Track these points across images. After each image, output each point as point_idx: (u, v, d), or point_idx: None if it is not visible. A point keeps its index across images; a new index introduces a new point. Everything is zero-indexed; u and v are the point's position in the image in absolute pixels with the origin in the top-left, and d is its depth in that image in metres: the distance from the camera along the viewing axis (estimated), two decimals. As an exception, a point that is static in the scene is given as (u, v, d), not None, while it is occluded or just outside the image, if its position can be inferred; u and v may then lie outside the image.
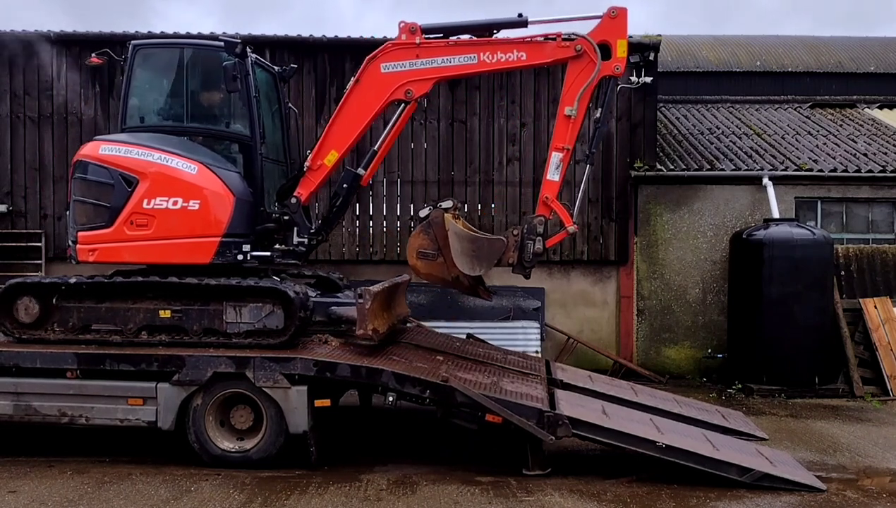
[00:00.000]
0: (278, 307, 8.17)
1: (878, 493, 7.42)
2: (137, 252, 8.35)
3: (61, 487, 7.14)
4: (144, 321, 8.24)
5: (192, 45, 8.94)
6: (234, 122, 8.90)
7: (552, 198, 8.52)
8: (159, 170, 8.29)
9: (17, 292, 8.41)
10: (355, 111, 8.67)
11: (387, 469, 7.89)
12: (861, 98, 19.06)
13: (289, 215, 8.86)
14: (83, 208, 8.48)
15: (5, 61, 13.56)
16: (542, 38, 8.45)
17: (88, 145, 8.73)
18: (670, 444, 7.54)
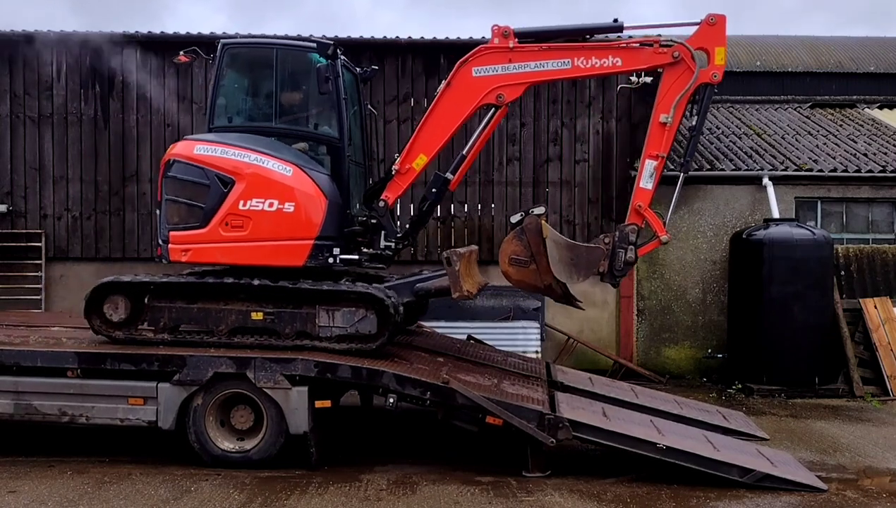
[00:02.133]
0: (371, 312, 8.11)
1: (878, 493, 7.43)
2: (232, 253, 8.23)
3: (61, 487, 7.14)
4: (236, 322, 8.18)
5: (283, 46, 8.78)
6: (323, 124, 8.86)
7: (645, 207, 8.51)
8: (256, 172, 8.18)
9: (108, 291, 8.34)
10: (445, 115, 8.57)
11: (387, 469, 7.89)
12: (861, 98, 19.05)
13: (376, 219, 8.74)
14: (176, 208, 8.35)
15: (5, 61, 13.56)
16: (637, 43, 8.38)
17: (181, 144, 8.60)
18: (671, 446, 7.55)
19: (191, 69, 13.53)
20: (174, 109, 13.60)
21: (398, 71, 13.65)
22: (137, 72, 13.55)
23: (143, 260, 13.57)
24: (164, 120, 13.60)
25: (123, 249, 13.56)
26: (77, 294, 13.43)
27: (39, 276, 13.40)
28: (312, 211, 8.25)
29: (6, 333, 9.02)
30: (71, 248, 13.56)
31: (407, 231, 9.11)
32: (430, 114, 8.66)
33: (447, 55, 13.53)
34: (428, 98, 13.56)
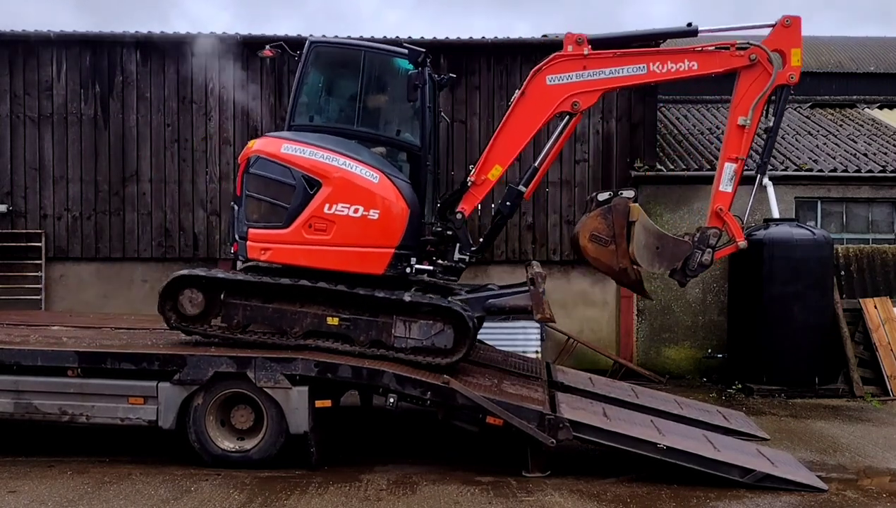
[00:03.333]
0: (449, 327, 8.06)
1: (878, 493, 7.43)
2: (312, 256, 8.10)
3: (61, 487, 7.14)
4: (311, 326, 8.11)
5: (372, 49, 8.69)
6: (405, 131, 8.78)
7: (725, 210, 8.51)
8: (343, 176, 8.07)
9: (184, 284, 8.24)
10: (520, 124, 8.54)
11: (387, 469, 7.89)
12: (861, 98, 19.06)
13: (452, 230, 8.65)
14: (257, 205, 8.20)
15: (5, 61, 13.56)
16: (713, 46, 8.37)
17: (265, 141, 8.44)
18: (671, 446, 7.55)
19: (190, 69, 13.56)
20: (175, 109, 13.61)
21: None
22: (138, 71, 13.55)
23: (142, 260, 13.60)
24: (163, 120, 13.60)
25: (123, 249, 13.57)
26: (77, 294, 13.53)
27: (39, 276, 13.40)
28: (396, 219, 8.17)
29: (6, 332, 9.02)
30: (71, 248, 13.56)
31: (481, 244, 9.06)
32: (504, 124, 8.60)
33: (447, 55, 13.55)
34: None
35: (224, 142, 13.62)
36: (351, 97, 8.70)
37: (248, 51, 13.19)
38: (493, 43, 13.65)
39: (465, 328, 8.02)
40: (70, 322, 10.08)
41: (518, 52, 13.68)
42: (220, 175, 13.61)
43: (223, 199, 13.58)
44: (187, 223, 13.61)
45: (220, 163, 13.61)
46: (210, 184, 13.61)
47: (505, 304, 8.64)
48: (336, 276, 8.10)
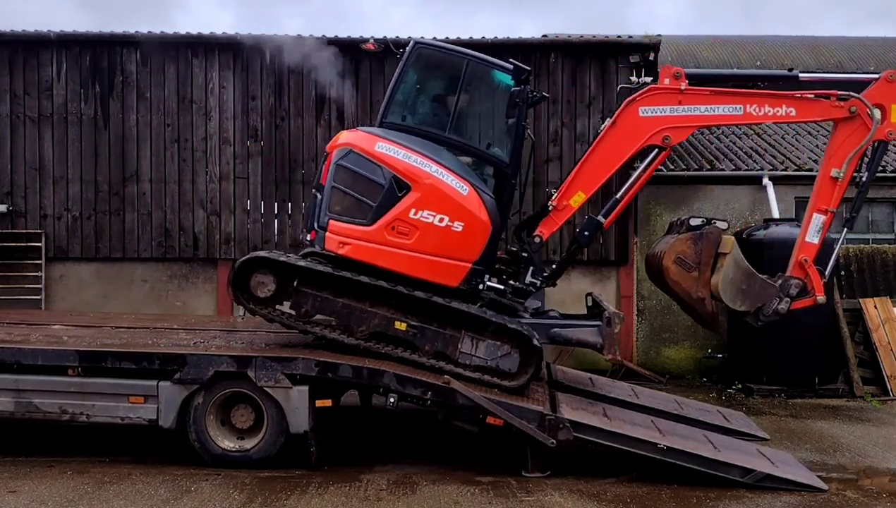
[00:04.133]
0: (516, 351, 8.00)
1: (878, 493, 7.43)
2: (390, 258, 8.02)
3: (61, 487, 7.14)
4: (378, 327, 8.05)
5: (477, 60, 8.55)
6: (495, 145, 8.68)
7: (810, 262, 8.45)
8: (434, 184, 7.99)
9: (259, 265, 8.16)
10: (608, 153, 8.47)
11: (387, 469, 7.89)
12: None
13: (527, 253, 8.56)
14: (342, 198, 8.09)
15: (5, 61, 13.56)
16: (812, 94, 8.34)
17: (358, 135, 8.30)
18: (672, 446, 7.56)
19: (190, 69, 13.57)
20: (175, 109, 13.61)
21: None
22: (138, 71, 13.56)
23: (142, 260, 13.59)
24: (163, 120, 13.60)
25: (123, 249, 13.56)
26: (77, 294, 13.53)
27: (39, 276, 13.40)
28: (478, 234, 8.10)
29: (7, 331, 9.02)
30: (71, 248, 13.56)
31: (553, 271, 8.91)
32: (592, 152, 8.54)
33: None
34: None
35: (224, 142, 13.62)
36: (446, 103, 8.60)
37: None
38: (493, 43, 13.64)
39: (532, 354, 7.96)
40: (70, 321, 10.08)
41: (518, 52, 13.63)
42: (220, 175, 13.61)
43: (223, 199, 13.58)
44: (187, 223, 13.61)
45: (220, 163, 13.61)
46: (210, 184, 13.61)
47: (572, 337, 8.53)
48: (403, 280, 8.01)
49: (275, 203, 13.64)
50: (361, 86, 13.63)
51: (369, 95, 13.61)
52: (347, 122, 13.56)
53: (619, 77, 13.71)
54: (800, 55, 20.12)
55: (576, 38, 14.30)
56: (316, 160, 13.58)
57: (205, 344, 8.48)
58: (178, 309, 13.45)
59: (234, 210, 13.63)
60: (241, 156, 13.64)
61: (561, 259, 9.09)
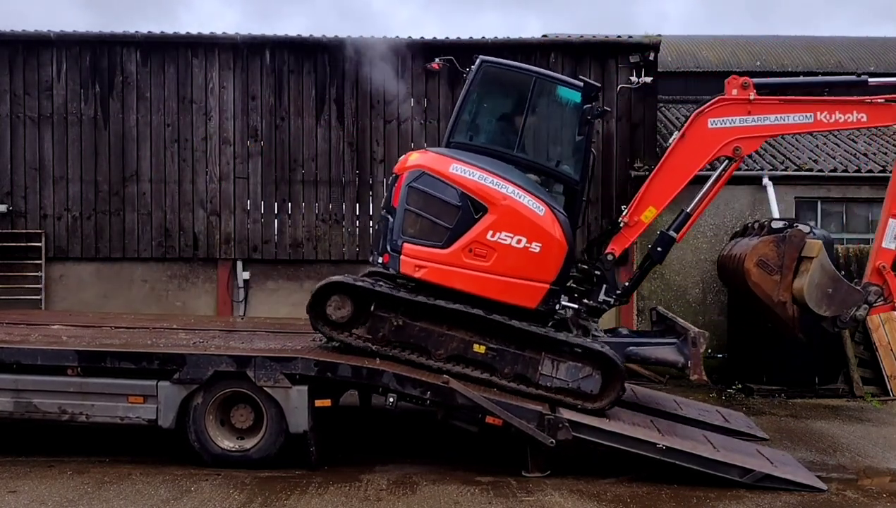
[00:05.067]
0: (598, 372, 7.93)
1: (878, 493, 7.43)
2: (468, 280, 7.94)
3: (61, 487, 7.13)
4: (456, 350, 7.97)
5: (545, 77, 8.55)
6: (564, 163, 8.63)
7: (888, 268, 8.28)
8: (511, 205, 7.90)
9: (335, 290, 8.10)
10: (678, 167, 8.37)
11: (387, 469, 7.89)
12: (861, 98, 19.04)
13: (600, 270, 8.50)
14: (416, 220, 8.01)
15: (5, 61, 13.56)
16: (882, 99, 8.31)
17: (430, 157, 8.20)
18: (671, 446, 7.56)
19: (190, 69, 13.57)
20: (175, 109, 13.61)
21: (398, 71, 13.65)
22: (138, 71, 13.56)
23: (142, 260, 13.60)
24: (163, 120, 13.61)
25: (123, 249, 13.57)
26: (77, 294, 13.53)
27: (39, 276, 13.41)
28: (556, 254, 8.02)
29: (6, 331, 9.02)
30: (71, 248, 13.56)
31: (626, 289, 8.79)
32: (661, 166, 8.45)
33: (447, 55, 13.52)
34: (428, 98, 13.61)
35: (224, 142, 13.62)
36: (514, 121, 8.51)
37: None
38: (493, 43, 13.65)
39: (615, 375, 7.90)
40: (70, 321, 10.08)
41: (518, 52, 13.67)
42: (220, 175, 13.62)
43: (223, 199, 13.59)
44: (187, 223, 13.61)
45: (220, 163, 13.62)
46: (210, 184, 13.61)
47: (651, 356, 8.52)
48: (479, 302, 7.93)
49: (275, 203, 13.64)
50: (361, 86, 13.65)
51: (369, 95, 13.63)
52: (347, 122, 13.58)
53: (619, 77, 13.71)
54: (800, 55, 20.10)
55: (576, 38, 14.30)
56: (316, 160, 13.61)
57: (204, 343, 8.47)
58: (178, 309, 13.45)
59: (234, 210, 13.63)
60: (241, 156, 13.64)
61: (634, 277, 8.94)
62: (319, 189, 13.66)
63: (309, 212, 13.66)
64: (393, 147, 13.63)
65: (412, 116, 13.66)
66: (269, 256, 13.64)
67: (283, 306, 13.53)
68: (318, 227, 13.66)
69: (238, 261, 13.60)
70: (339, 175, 13.64)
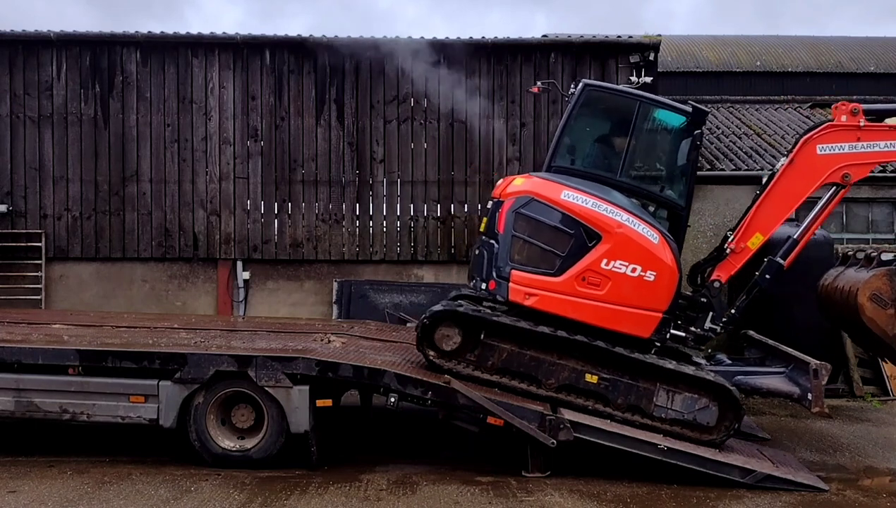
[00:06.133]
0: (714, 404, 7.87)
1: (877, 493, 7.44)
2: (581, 309, 7.87)
3: (61, 487, 7.14)
4: (567, 380, 7.91)
5: (652, 102, 8.52)
6: (668, 187, 8.58)
7: None
8: (626, 233, 7.85)
9: (445, 318, 8.04)
10: (786, 193, 8.36)
11: (387, 469, 7.90)
12: (861, 98, 19.05)
13: (706, 297, 8.41)
14: (525, 247, 7.94)
15: (5, 61, 13.55)
16: None
17: (539, 182, 8.12)
18: (672, 447, 7.57)
19: (190, 69, 13.57)
20: (175, 109, 13.61)
21: (398, 71, 13.65)
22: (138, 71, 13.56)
23: (142, 260, 13.59)
24: (163, 120, 13.60)
25: (123, 249, 13.56)
26: (77, 294, 13.52)
27: (39, 276, 13.40)
28: (669, 282, 7.96)
29: (8, 330, 9.02)
30: (71, 248, 13.55)
31: (732, 316, 8.66)
32: (768, 192, 8.41)
33: (446, 55, 13.55)
34: (428, 98, 13.60)
35: (224, 142, 13.61)
36: (617, 145, 8.46)
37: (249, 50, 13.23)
38: (493, 43, 13.65)
39: (732, 407, 7.85)
40: (71, 320, 10.07)
41: (518, 52, 13.68)
42: (220, 175, 13.61)
43: (223, 199, 13.58)
44: (187, 223, 13.60)
45: (220, 163, 13.61)
46: (210, 184, 13.60)
47: (761, 386, 8.53)
48: (588, 331, 7.89)
49: (275, 203, 13.64)
50: (361, 86, 13.65)
51: (369, 95, 13.63)
52: (347, 122, 13.57)
53: (619, 77, 13.70)
54: (800, 55, 20.11)
55: (576, 38, 14.30)
56: (316, 160, 13.60)
57: (205, 343, 8.47)
58: (178, 309, 13.44)
59: (234, 210, 13.62)
60: (241, 156, 13.64)
61: (739, 303, 8.74)
62: (319, 189, 13.66)
63: (309, 212, 13.66)
64: (393, 147, 13.63)
65: (412, 116, 13.66)
66: (269, 256, 13.63)
67: (283, 306, 13.53)
68: (318, 227, 13.66)
69: (238, 261, 13.59)
70: (339, 175, 13.64)
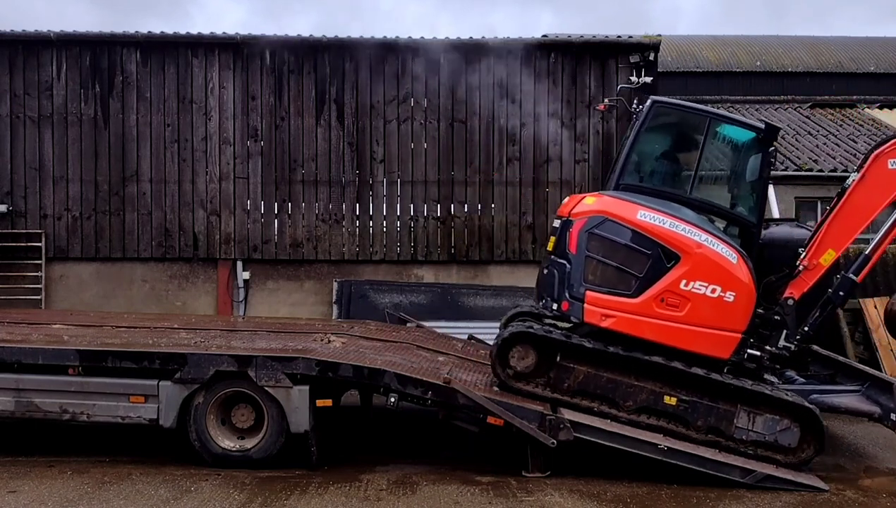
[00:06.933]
0: (796, 425, 7.78)
1: (877, 493, 7.44)
2: (661, 331, 7.83)
3: (61, 487, 7.14)
4: (645, 402, 7.86)
5: (722, 119, 8.49)
6: (739, 204, 8.55)
7: None
8: (705, 254, 7.80)
9: (520, 340, 8.03)
10: (858, 208, 8.24)
11: (387, 469, 7.90)
12: (861, 98, 19.08)
13: (780, 315, 8.24)
14: (599, 267, 7.91)
15: (5, 61, 13.55)
16: None
17: (612, 202, 8.07)
18: (672, 447, 7.57)
19: (190, 69, 13.57)
20: (175, 109, 13.61)
21: (398, 71, 13.65)
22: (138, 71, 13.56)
23: (142, 260, 13.58)
24: (163, 120, 13.60)
25: (123, 249, 13.55)
26: (77, 294, 13.51)
27: (39, 276, 13.39)
28: (748, 302, 7.91)
29: (8, 330, 9.02)
30: (71, 248, 13.55)
31: (806, 333, 8.41)
32: (840, 208, 8.35)
33: (447, 55, 13.56)
34: (428, 98, 13.61)
35: (224, 142, 13.61)
36: (687, 162, 8.42)
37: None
38: (494, 43, 13.65)
39: (815, 428, 7.76)
40: (71, 320, 10.07)
41: (518, 53, 13.67)
42: (220, 175, 13.60)
43: (223, 199, 13.58)
44: (187, 223, 13.60)
45: (220, 163, 13.60)
46: (210, 184, 13.60)
47: (840, 405, 8.44)
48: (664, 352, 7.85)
49: (275, 203, 13.63)
50: (361, 86, 13.65)
51: (369, 95, 13.63)
52: (347, 122, 13.57)
53: (619, 77, 13.70)
54: (800, 55, 20.11)
55: (576, 38, 14.29)
56: (316, 160, 13.60)
57: (205, 343, 8.47)
58: (178, 309, 13.44)
59: (234, 210, 13.62)
60: (241, 156, 13.63)
61: (813, 320, 8.48)
62: (319, 189, 13.65)
63: (309, 212, 13.65)
64: (393, 147, 13.63)
65: (411, 116, 13.65)
66: (269, 256, 13.63)
67: (283, 306, 13.52)
68: (318, 227, 13.65)
69: (238, 261, 13.59)
70: (339, 175, 13.64)
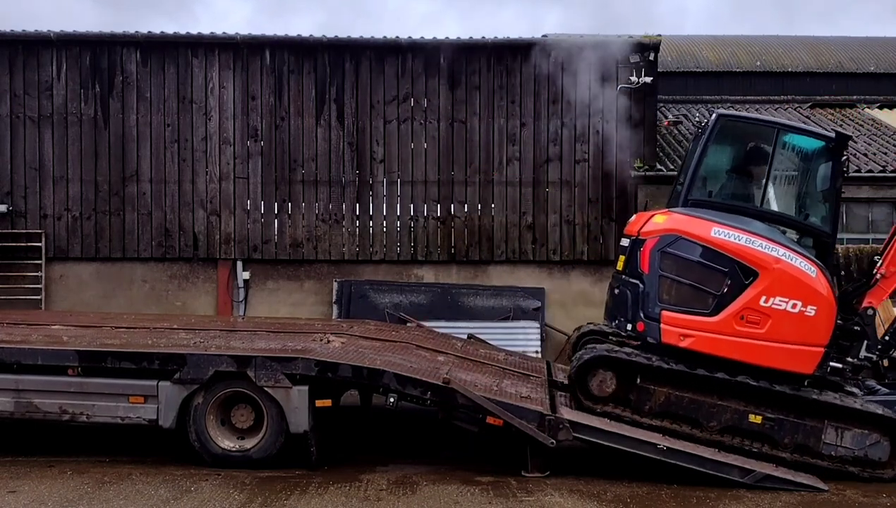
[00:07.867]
0: (886, 438, 7.76)
1: (877, 493, 7.43)
2: (742, 349, 7.76)
3: (61, 487, 7.14)
4: (730, 421, 7.80)
5: (791, 129, 8.41)
6: (812, 215, 8.43)
7: None
8: (784, 269, 7.72)
9: (599, 363, 7.97)
10: None
11: (387, 469, 7.90)
12: (861, 98, 19.06)
13: (860, 326, 8.14)
14: (673, 287, 7.86)
15: (5, 61, 13.56)
16: None
17: (683, 219, 8.02)
18: (672, 447, 7.57)
19: (190, 69, 13.57)
20: (175, 109, 13.61)
21: (398, 71, 13.66)
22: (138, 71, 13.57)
23: (142, 260, 13.59)
24: (163, 120, 13.60)
25: (123, 249, 13.56)
26: (77, 294, 13.52)
27: (39, 276, 13.40)
28: (829, 316, 7.80)
29: (7, 331, 9.01)
30: (71, 248, 13.55)
31: (888, 343, 8.42)
32: None
33: (447, 55, 13.56)
34: (428, 98, 13.61)
35: (224, 142, 13.62)
36: (756, 174, 8.34)
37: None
38: (493, 43, 13.66)
39: None
40: (70, 321, 10.07)
41: (518, 52, 13.68)
42: (220, 175, 13.61)
43: (223, 199, 13.58)
44: (187, 223, 13.60)
45: (220, 163, 13.61)
46: (210, 184, 13.61)
47: None
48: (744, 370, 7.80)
49: (275, 203, 13.64)
50: (361, 86, 13.65)
51: (369, 95, 13.63)
52: (347, 122, 13.57)
53: (619, 77, 13.71)
54: (800, 55, 20.10)
55: (576, 37, 14.29)
56: (316, 160, 13.60)
57: (205, 343, 8.47)
58: (178, 309, 13.44)
59: (234, 210, 13.63)
60: (241, 156, 13.64)
61: (893, 330, 8.48)
62: (319, 189, 13.66)
63: (309, 212, 13.66)
64: (393, 147, 13.63)
65: (412, 116, 13.65)
66: (269, 256, 13.64)
67: (283, 306, 13.53)
68: (318, 227, 13.66)
69: (238, 261, 13.60)
70: (339, 175, 13.64)
